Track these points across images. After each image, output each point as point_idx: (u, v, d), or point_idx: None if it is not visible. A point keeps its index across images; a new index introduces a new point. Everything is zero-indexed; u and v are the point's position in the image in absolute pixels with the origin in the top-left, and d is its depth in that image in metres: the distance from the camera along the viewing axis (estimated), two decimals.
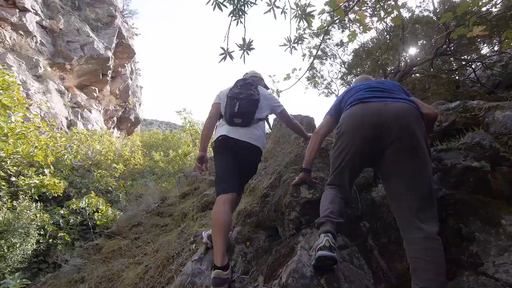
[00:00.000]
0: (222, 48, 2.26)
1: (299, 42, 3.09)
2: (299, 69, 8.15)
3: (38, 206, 6.37)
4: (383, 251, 1.56)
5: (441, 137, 1.93)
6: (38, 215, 6.18)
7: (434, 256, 1.14)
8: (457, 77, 5.89)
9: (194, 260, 1.90)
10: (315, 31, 6.84)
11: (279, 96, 4.43)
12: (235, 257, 1.94)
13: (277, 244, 1.92)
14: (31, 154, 6.28)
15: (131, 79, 21.85)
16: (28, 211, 5.99)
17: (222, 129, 2.04)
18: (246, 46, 2.36)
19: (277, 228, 2.02)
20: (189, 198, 3.94)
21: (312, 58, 4.80)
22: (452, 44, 5.71)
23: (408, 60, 5.75)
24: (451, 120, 1.93)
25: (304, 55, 4.50)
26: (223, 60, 2.31)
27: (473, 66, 5.75)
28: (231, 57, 2.30)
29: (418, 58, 5.82)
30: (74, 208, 7.11)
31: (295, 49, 3.01)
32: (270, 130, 2.27)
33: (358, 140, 1.43)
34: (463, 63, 5.92)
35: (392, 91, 1.53)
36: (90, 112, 16.20)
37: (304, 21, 2.84)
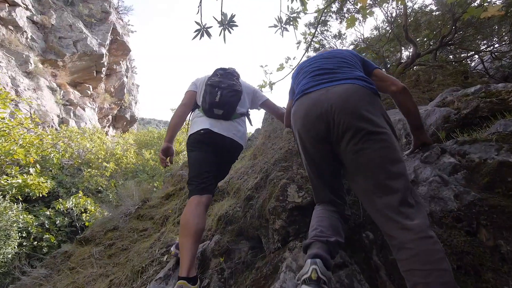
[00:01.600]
0: (198, 23, 1.91)
1: (291, 23, 2.74)
2: (293, 58, 7.78)
3: (20, 207, 6.02)
4: (392, 271, 1.21)
5: (461, 127, 1.58)
6: (21, 216, 5.83)
7: (430, 262, 0.81)
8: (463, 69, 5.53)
9: (159, 279, 1.55)
10: (311, 22, 6.48)
11: (272, 89, 4.10)
12: (210, 273, 1.60)
13: (261, 258, 1.58)
14: (10, 152, 5.90)
15: (127, 77, 21.44)
16: (9, 212, 5.64)
17: (201, 121, 1.75)
18: (227, 22, 2.00)
19: (262, 239, 1.67)
20: (173, 199, 3.59)
21: (307, 45, 4.46)
22: (457, 34, 5.35)
23: (411, 51, 5.40)
24: (473, 106, 1.58)
25: (299, 42, 4.16)
26: (199, 37, 1.95)
27: (480, 55, 5.38)
28: (209, 34, 1.94)
29: (422, 49, 5.47)
30: (62, 209, 6.77)
31: (287, 30, 2.66)
32: (252, 127, 1.98)
33: (307, 143, 1.22)
34: (472, 52, 5.55)
35: (338, 70, 1.27)
36: (84, 110, 15.81)
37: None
